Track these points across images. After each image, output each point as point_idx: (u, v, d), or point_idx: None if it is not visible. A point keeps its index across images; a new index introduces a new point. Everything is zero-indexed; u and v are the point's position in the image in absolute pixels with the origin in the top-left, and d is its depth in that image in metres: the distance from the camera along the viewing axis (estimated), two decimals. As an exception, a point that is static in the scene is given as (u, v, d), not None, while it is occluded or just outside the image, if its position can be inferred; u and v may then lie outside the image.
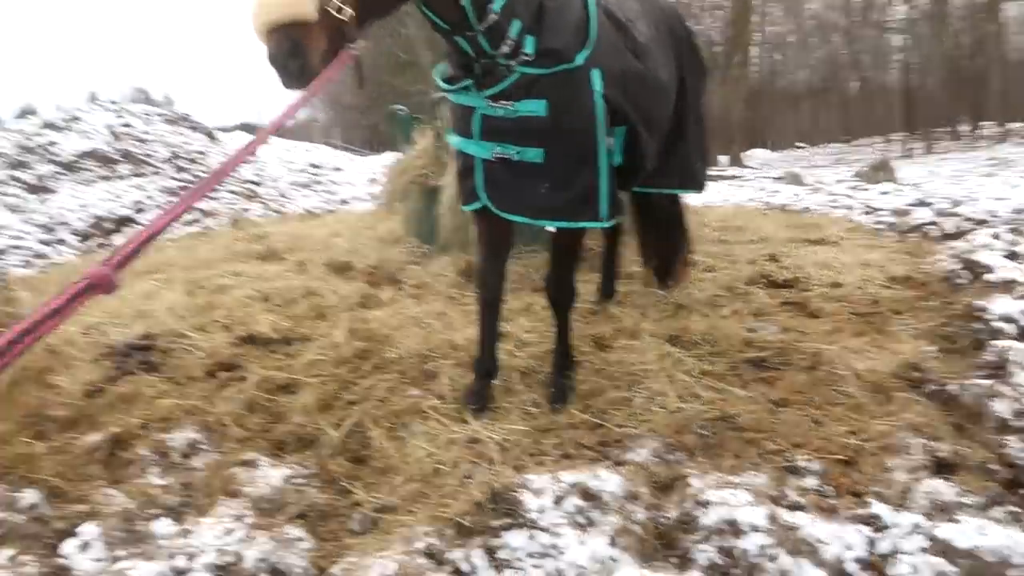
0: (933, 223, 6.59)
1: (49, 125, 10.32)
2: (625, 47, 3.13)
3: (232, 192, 10.23)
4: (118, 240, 8.34)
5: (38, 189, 9.12)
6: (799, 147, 41.25)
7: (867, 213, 7.88)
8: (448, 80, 2.94)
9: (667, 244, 4.73)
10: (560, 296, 3.25)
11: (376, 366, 3.63)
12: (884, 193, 9.58)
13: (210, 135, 12.07)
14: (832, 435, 2.77)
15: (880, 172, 10.79)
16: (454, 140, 3.08)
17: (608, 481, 2.41)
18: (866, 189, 10.04)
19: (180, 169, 10.18)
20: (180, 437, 3.14)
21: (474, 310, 4.55)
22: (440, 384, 3.42)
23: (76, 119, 10.55)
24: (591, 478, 2.41)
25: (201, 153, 10.92)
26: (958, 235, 6.06)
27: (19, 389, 3.70)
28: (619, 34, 3.12)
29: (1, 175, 9.38)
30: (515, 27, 2.64)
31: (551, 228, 3.03)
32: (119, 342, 4.08)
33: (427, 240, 6.30)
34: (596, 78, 2.86)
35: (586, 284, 4.91)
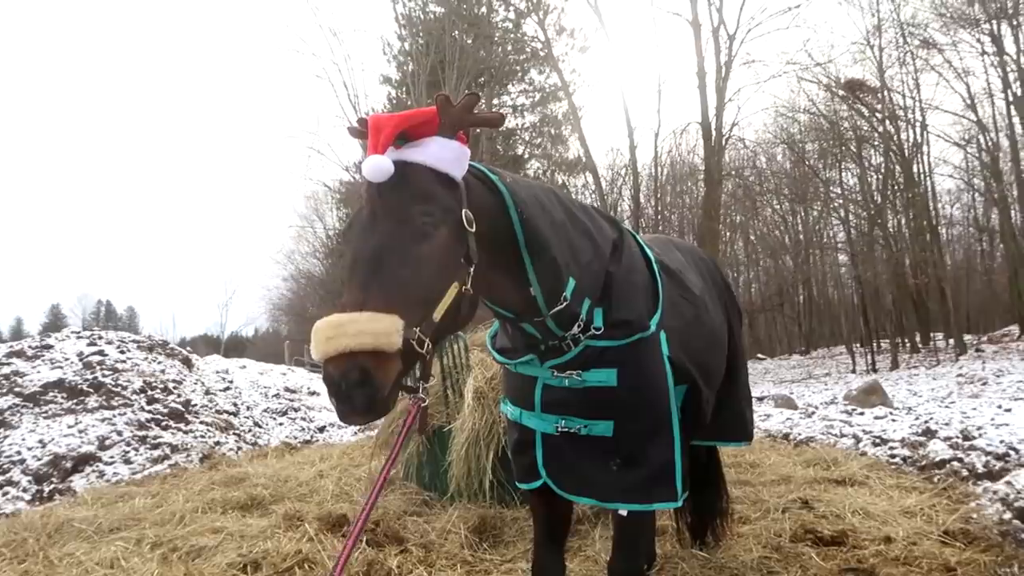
0: (957, 459, 6.31)
1: (16, 353, 9.85)
2: (683, 300, 2.95)
3: (205, 423, 9.64)
4: (77, 482, 7.60)
5: (-6, 424, 8.47)
6: (760, 359, 42.11)
7: (877, 445, 7.61)
8: (503, 351, 2.69)
9: (706, 499, 4.34)
10: None
11: (402, 675, 3.01)
12: (879, 418, 9.42)
13: (187, 362, 11.62)
14: None
15: (872, 395, 10.73)
16: (510, 411, 2.76)
17: None
18: (861, 413, 9.88)
19: (152, 400, 9.61)
20: None
21: (498, 583, 4.08)
22: None
23: (47, 347, 10.11)
24: None
25: (176, 382, 10.40)
26: (992, 475, 5.76)
27: None
28: (675, 287, 2.94)
29: (-44, 409, 8.74)
30: (585, 305, 2.44)
31: (622, 511, 2.63)
32: (82, 641, 3.40)
33: (428, 487, 5.79)
34: (663, 341, 2.63)
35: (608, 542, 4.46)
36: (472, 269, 2.05)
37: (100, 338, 10.81)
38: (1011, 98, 26.15)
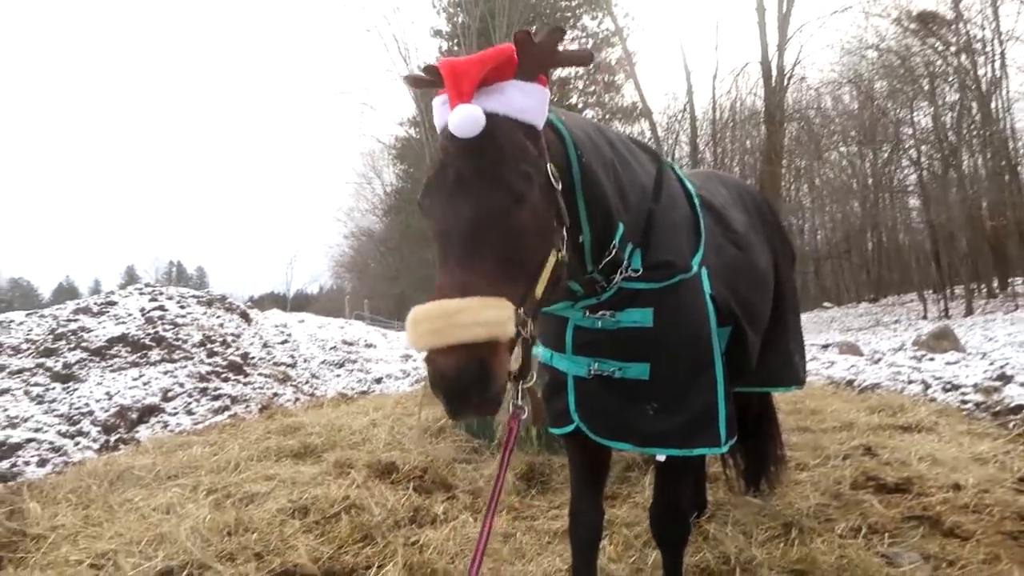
0: (1034, 404, 5.96)
1: (82, 310, 10.18)
2: (725, 238, 2.75)
3: (263, 375, 9.84)
4: (142, 433, 7.86)
5: (65, 378, 8.79)
6: (826, 307, 40.94)
7: (947, 390, 7.26)
8: None
9: (758, 444, 4.16)
10: (671, 532, 2.66)
11: (442, 620, 2.98)
12: (951, 363, 9.00)
13: (245, 316, 11.84)
14: None
15: (943, 340, 10.23)
16: (541, 353, 2.62)
17: None
18: (931, 359, 9.45)
19: (212, 353, 9.83)
20: None
21: (544, 529, 4.01)
22: (524, 646, 2.76)
23: (111, 303, 10.42)
24: None
25: (235, 336, 10.61)
26: (1072, 420, 5.42)
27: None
28: (717, 224, 2.74)
29: (30, 363, 9.10)
30: (628, 250, 2.25)
31: (661, 457, 2.49)
32: (134, 581, 3.47)
33: (477, 434, 5.75)
34: (705, 278, 2.45)
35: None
36: (565, 232, 1.85)
37: (161, 294, 11.09)
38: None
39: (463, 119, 1.67)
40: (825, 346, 12.95)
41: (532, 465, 4.91)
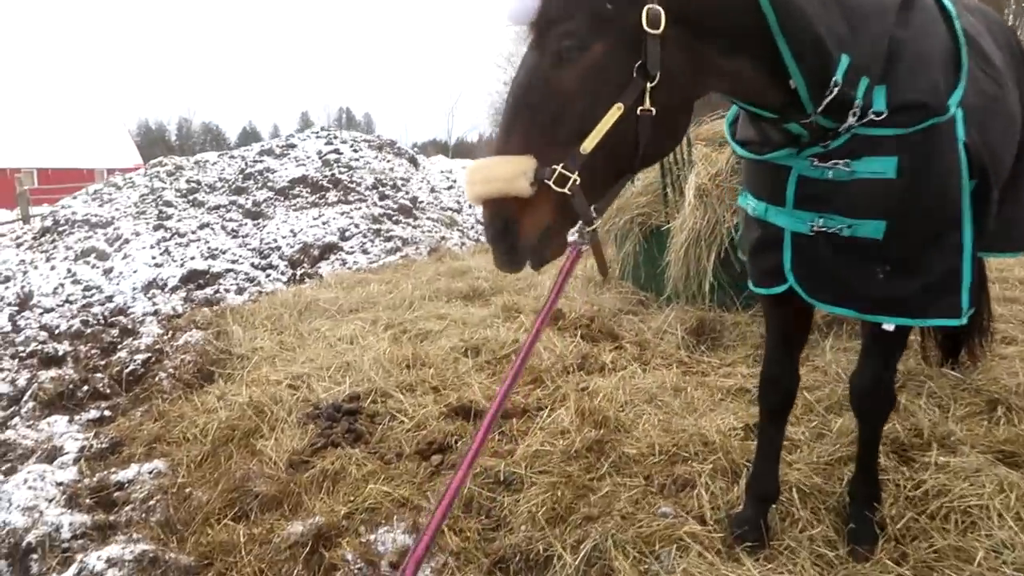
0: None
1: (267, 152, 10.80)
2: (983, 74, 2.29)
3: (431, 219, 10.14)
4: (323, 268, 8.41)
5: (254, 214, 9.48)
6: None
7: None
8: (746, 143, 2.26)
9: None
10: (875, 404, 2.45)
11: (614, 465, 3.01)
12: None
13: (413, 161, 12.13)
14: None
15: None
16: (753, 206, 2.34)
17: None
18: None
19: (383, 196, 10.21)
20: (388, 540, 2.73)
21: (716, 385, 3.91)
22: (697, 498, 2.74)
23: (291, 146, 10.97)
24: None
25: (404, 180, 10.93)
26: None
27: (225, 451, 3.49)
28: (975, 56, 2.27)
29: (224, 200, 9.87)
30: (863, 86, 1.91)
31: (888, 326, 2.23)
32: (325, 403, 3.77)
33: (645, 287, 5.65)
34: (959, 122, 2.05)
35: (841, 353, 4.10)
36: (652, 84, 1.65)
37: (336, 138, 11.53)
38: None
39: (510, 11, 1.72)
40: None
41: (703, 320, 4.76)
